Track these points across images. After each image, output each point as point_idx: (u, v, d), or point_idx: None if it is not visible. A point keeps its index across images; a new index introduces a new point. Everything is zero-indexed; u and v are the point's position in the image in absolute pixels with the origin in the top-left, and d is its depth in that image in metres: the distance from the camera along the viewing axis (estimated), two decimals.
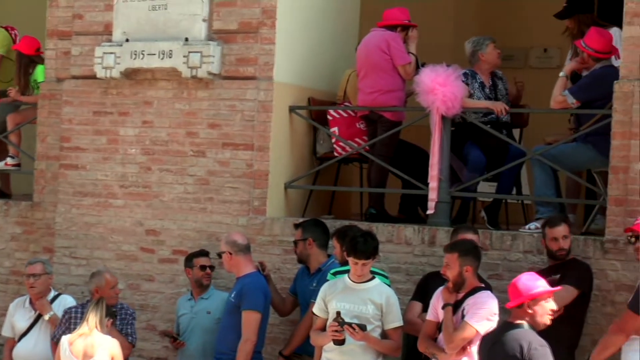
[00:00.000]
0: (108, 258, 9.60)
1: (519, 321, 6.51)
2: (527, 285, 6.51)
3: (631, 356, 7.11)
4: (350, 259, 7.37)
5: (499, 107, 8.92)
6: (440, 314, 7.18)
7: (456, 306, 7.10)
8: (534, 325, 6.50)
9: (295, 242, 8.32)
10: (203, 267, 8.60)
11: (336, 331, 7.16)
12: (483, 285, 7.27)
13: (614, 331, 6.71)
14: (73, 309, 8.43)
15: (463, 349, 7.03)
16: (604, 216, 8.05)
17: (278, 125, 9.18)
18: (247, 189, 9.13)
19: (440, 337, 7.16)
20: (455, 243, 7.41)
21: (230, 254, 8.20)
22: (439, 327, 7.21)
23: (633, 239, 7.31)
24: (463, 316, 7.04)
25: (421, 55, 9.29)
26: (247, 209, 9.12)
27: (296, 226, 8.42)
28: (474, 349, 6.99)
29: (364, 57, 9.24)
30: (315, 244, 8.16)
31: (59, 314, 8.51)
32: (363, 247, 7.35)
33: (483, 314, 7.03)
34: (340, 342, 7.21)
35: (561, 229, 7.75)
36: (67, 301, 8.75)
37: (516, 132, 9.65)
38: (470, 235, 7.77)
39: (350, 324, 7.21)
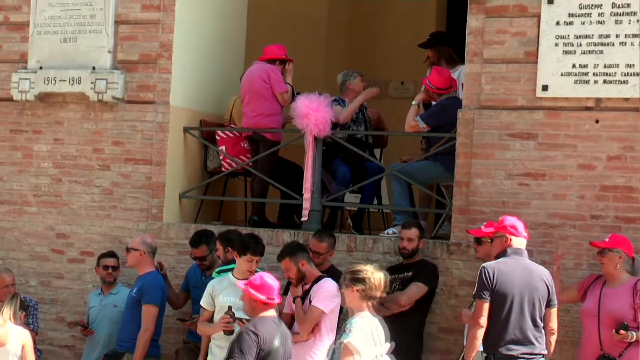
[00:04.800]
0: (22, 258, 9.39)
1: None
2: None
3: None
4: (245, 257, 7.36)
5: (372, 92, 9.02)
6: (294, 307, 7.28)
7: (307, 295, 7.19)
8: None
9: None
10: (106, 267, 8.49)
11: (228, 322, 7.16)
12: (322, 274, 7.34)
13: (472, 326, 6.68)
14: None
15: (313, 331, 7.13)
16: (450, 223, 8.16)
17: (173, 144, 9.12)
18: (146, 199, 9.05)
19: (296, 324, 7.23)
20: (282, 250, 7.44)
21: (144, 253, 8.12)
22: (293, 317, 7.29)
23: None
24: (311, 302, 7.15)
25: (296, 84, 9.35)
26: (146, 216, 9.04)
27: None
28: (323, 329, 7.10)
29: (248, 86, 9.24)
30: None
31: None
32: (257, 246, 7.41)
33: (325, 297, 7.14)
34: (230, 332, 7.20)
35: (408, 232, 7.84)
36: None
37: (377, 152, 9.77)
38: (315, 241, 7.80)
39: (240, 319, 7.22)
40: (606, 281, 7.11)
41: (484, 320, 6.59)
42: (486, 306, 6.59)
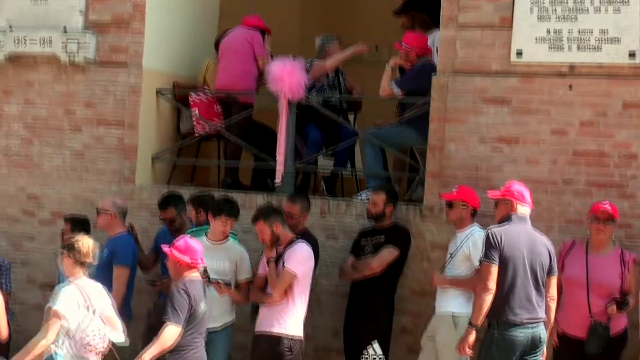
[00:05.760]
0: None
1: None
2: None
3: (443, 301, 7.38)
4: (220, 219, 7.40)
5: (360, 48, 9.01)
6: (268, 269, 7.30)
7: (280, 258, 7.23)
8: None
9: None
10: (62, 232, 8.48)
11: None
12: (296, 237, 7.37)
13: (480, 290, 6.59)
14: None
15: (285, 293, 7.17)
16: (423, 187, 8.21)
17: (146, 106, 9.09)
18: (118, 161, 9.04)
19: (269, 286, 7.28)
20: (256, 213, 7.43)
21: (114, 215, 8.12)
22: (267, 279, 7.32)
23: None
24: (284, 265, 7.19)
25: (271, 49, 9.35)
26: (118, 178, 9.04)
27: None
28: (296, 291, 7.15)
29: (229, 45, 9.22)
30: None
31: None
32: (231, 208, 7.46)
33: (298, 260, 7.19)
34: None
35: (374, 196, 7.87)
36: None
37: (351, 117, 9.76)
38: (288, 204, 7.82)
39: (217, 281, 7.26)
40: (589, 248, 7.13)
41: (493, 285, 6.54)
42: (495, 270, 6.54)
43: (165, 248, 6.70)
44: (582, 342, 6.96)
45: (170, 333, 6.33)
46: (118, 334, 6.41)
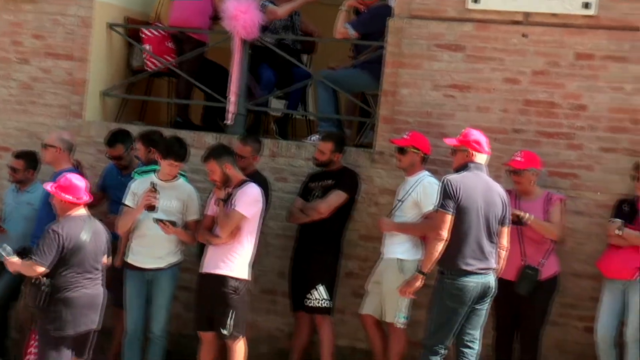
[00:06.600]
0: None
1: None
2: None
3: (390, 246, 7.43)
4: (167, 161, 7.36)
5: None
6: (217, 209, 7.28)
7: (229, 198, 7.21)
8: None
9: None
10: (12, 169, 8.37)
11: (151, 196, 7.20)
12: (246, 178, 7.35)
13: (432, 238, 6.62)
14: None
15: (233, 234, 7.17)
16: (374, 132, 8.21)
17: (97, 40, 8.95)
18: (66, 95, 8.91)
19: (217, 227, 7.28)
20: (207, 152, 7.38)
21: (60, 149, 8.02)
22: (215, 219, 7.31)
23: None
24: (233, 206, 7.17)
25: None
26: (66, 113, 8.91)
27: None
28: (243, 233, 7.15)
29: None
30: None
31: None
32: (180, 150, 7.41)
33: (247, 202, 7.18)
34: (152, 208, 7.22)
35: (322, 144, 7.84)
36: None
37: (305, 59, 9.70)
38: (239, 145, 7.78)
39: (162, 221, 7.22)
40: (519, 196, 7.30)
41: (446, 234, 6.56)
42: (450, 219, 6.56)
43: (47, 187, 6.78)
44: (514, 285, 7.14)
45: (32, 269, 6.54)
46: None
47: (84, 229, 6.62)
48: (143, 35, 9.30)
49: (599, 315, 7.24)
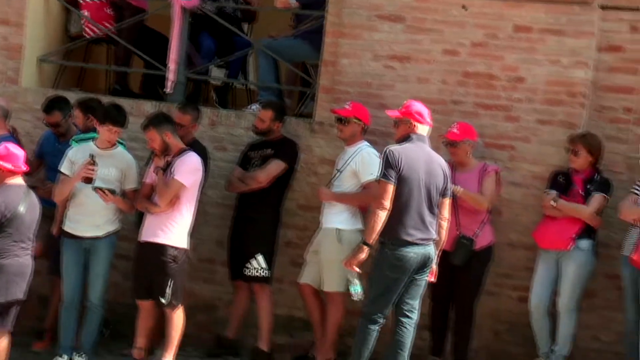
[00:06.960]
0: None
1: None
2: None
3: (329, 215, 7.47)
4: (105, 127, 7.31)
5: None
6: (156, 178, 7.27)
7: (169, 167, 7.20)
8: None
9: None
10: None
11: (89, 170, 7.17)
12: (186, 147, 7.34)
13: (375, 208, 6.62)
14: None
15: (172, 203, 7.17)
16: (314, 102, 8.23)
17: (33, 5, 8.81)
18: (2, 60, 8.76)
19: (155, 195, 7.27)
20: (147, 120, 7.35)
21: None
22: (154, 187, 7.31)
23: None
24: (172, 174, 7.17)
25: None
26: (2, 79, 8.76)
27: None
28: (182, 201, 7.15)
29: None
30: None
31: None
32: (118, 116, 7.36)
33: (187, 170, 7.18)
34: (89, 181, 7.18)
35: (262, 112, 7.86)
36: None
37: (246, 27, 9.67)
38: (179, 114, 7.72)
39: (101, 189, 7.18)
40: (455, 167, 7.40)
41: (388, 204, 6.58)
42: (391, 189, 6.59)
43: None
44: (449, 255, 7.25)
45: None
46: None
47: (23, 199, 6.57)
48: (81, 1, 9.17)
49: (533, 284, 7.38)
